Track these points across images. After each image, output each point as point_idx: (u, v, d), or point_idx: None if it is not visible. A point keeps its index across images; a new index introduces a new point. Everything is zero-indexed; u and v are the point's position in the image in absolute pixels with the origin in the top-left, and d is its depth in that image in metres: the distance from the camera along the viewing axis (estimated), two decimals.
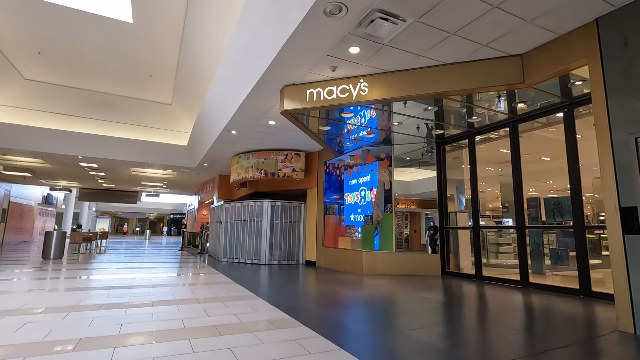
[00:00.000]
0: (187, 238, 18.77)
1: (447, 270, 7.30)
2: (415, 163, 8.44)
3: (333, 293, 5.51)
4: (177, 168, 13.63)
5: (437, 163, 7.68)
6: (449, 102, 5.77)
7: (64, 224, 31.60)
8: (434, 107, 5.99)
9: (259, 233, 10.33)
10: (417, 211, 10.33)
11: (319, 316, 3.99)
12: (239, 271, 8.29)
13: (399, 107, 5.99)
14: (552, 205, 6.33)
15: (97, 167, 13.94)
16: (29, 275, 6.69)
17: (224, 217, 11.29)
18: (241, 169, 10.45)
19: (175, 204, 43.18)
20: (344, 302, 4.82)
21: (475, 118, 6.36)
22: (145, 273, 7.47)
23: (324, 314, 4.09)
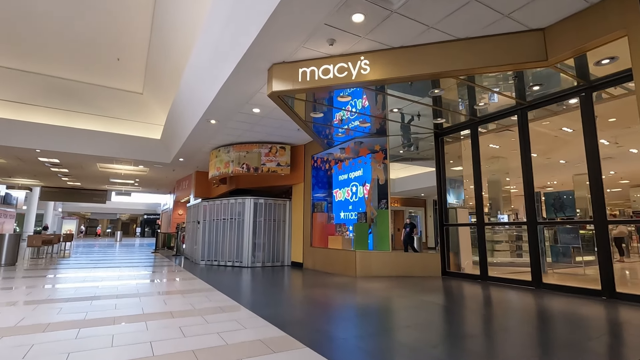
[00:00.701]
0: (161, 239, 17.60)
1: (447, 270, 6.80)
2: (409, 157, 7.91)
3: (329, 300, 4.85)
4: (150, 164, 12.57)
5: (436, 155, 7.16)
6: (451, 89, 5.24)
7: (26, 226, 29.36)
8: (436, 90, 5.42)
9: (241, 233, 9.53)
10: (401, 209, 9.87)
11: (319, 332, 3.31)
12: (219, 275, 7.48)
13: (401, 90, 5.40)
14: (552, 201, 5.94)
15: (59, 162, 12.66)
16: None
17: (202, 216, 10.40)
18: (221, 163, 9.61)
19: (149, 204, 41.33)
20: (344, 312, 4.17)
21: (482, 104, 5.86)
22: (111, 280, 6.54)
23: (325, 329, 3.42)
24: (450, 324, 3.62)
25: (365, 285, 5.96)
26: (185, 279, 6.93)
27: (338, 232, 8.12)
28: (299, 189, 9.58)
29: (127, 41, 9.06)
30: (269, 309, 4.21)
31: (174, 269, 8.91)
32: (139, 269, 8.46)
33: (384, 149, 7.40)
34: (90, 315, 3.80)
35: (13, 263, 9.08)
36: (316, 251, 8.52)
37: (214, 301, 4.64)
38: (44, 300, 4.61)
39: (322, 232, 8.70)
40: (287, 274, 7.82)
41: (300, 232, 9.37)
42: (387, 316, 4.01)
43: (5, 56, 9.25)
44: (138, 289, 5.59)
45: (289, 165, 9.29)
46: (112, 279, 6.71)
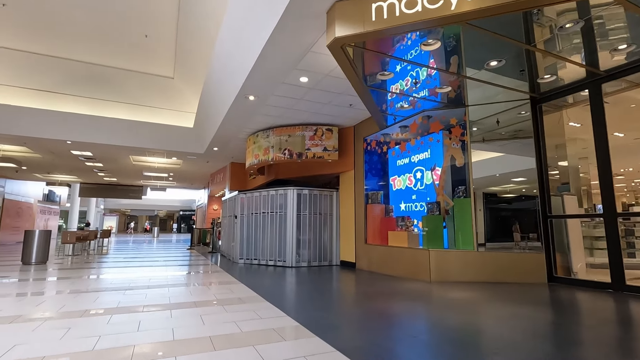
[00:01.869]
0: (196, 235, 17.01)
1: (554, 275, 5.26)
2: (493, 137, 6.37)
3: (416, 319, 3.53)
4: (183, 155, 11.77)
5: (535, 127, 5.61)
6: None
7: (70, 223, 30.28)
8: (569, 25, 3.90)
9: (283, 228, 8.40)
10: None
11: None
12: (262, 278, 6.37)
13: (510, 30, 3.95)
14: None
15: (93, 156, 12.16)
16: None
17: (239, 210, 9.39)
18: (259, 150, 8.51)
19: (184, 200, 41.87)
20: (447, 338, 2.84)
21: (623, 48, 4.27)
22: (139, 288, 5.59)
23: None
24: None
25: (447, 295, 4.58)
26: (224, 282, 5.85)
27: (400, 226, 6.76)
28: (349, 177, 8.30)
29: (155, 20, 8.17)
30: (344, 332, 2.97)
31: (211, 269, 7.94)
32: (174, 269, 7.55)
33: (462, 123, 5.93)
34: (105, 342, 2.73)
35: (44, 261, 8.49)
36: (372, 249, 7.22)
37: (265, 319, 3.46)
38: (51, 317, 3.64)
39: (379, 227, 7.38)
40: (342, 276, 6.58)
41: (350, 227, 8.10)
42: (504, 348, 2.65)
43: (30, 40, 8.65)
44: (170, 297, 4.54)
45: (337, 150, 8.02)
46: (142, 281, 5.77)
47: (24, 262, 8.23)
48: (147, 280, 5.94)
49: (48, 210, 24.69)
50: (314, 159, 7.90)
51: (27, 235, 8.29)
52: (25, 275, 6.53)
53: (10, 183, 17.79)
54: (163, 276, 6.50)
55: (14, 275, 6.51)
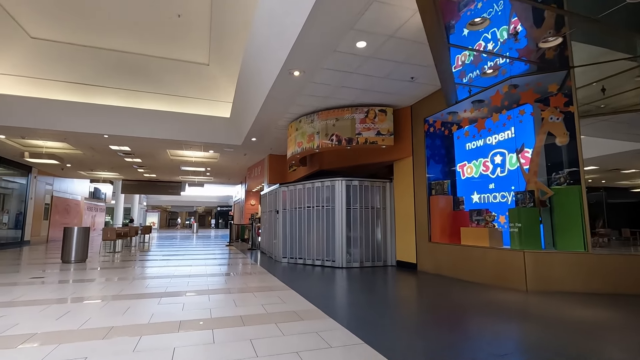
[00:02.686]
0: (234, 231, 16.59)
1: None
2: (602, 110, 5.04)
3: (529, 348, 2.45)
4: (220, 147, 11.19)
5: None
6: None
7: (115, 219, 31.40)
8: None
9: (331, 224, 7.49)
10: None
11: None
12: (315, 283, 5.48)
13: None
14: None
15: (131, 151, 11.91)
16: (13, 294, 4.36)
17: (281, 204, 8.59)
18: (303, 137, 7.62)
19: (221, 196, 42.40)
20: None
21: None
22: (178, 291, 4.90)
23: None
24: None
25: (562, 312, 3.43)
26: (272, 288, 5.02)
27: (476, 221, 5.60)
28: (405, 165, 7.20)
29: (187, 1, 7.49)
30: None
31: (252, 269, 7.20)
32: (213, 269, 6.88)
33: (567, 91, 4.65)
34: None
35: (83, 259, 8.17)
36: (440, 249, 6.11)
37: (337, 348, 2.53)
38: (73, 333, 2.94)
39: (447, 223, 6.25)
40: (407, 282, 5.55)
41: (409, 222, 7.02)
42: None
43: (65, 30, 8.31)
44: (211, 309, 3.76)
45: (392, 134, 6.94)
46: (178, 287, 5.08)
47: (63, 260, 7.94)
48: (186, 284, 5.24)
49: (94, 207, 25.58)
50: (365, 145, 6.88)
51: (65, 232, 7.99)
52: (62, 275, 6.09)
53: (58, 181, 18.31)
54: (203, 281, 5.80)
55: (52, 275, 6.09)
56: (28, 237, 15.16)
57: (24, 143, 11.02)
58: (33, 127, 8.80)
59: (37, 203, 16.05)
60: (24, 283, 5.33)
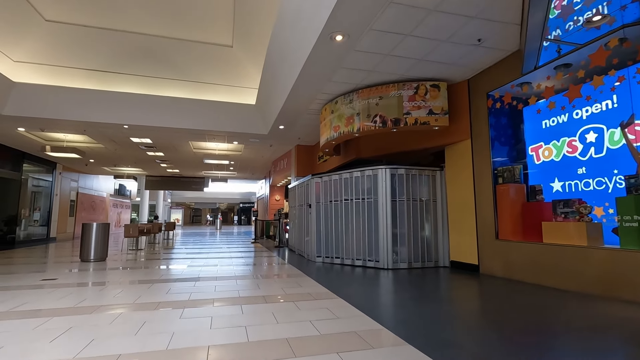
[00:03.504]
0: (259, 228, 15.92)
1: None
2: None
3: None
4: (245, 137, 10.43)
5: None
6: None
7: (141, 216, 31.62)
8: None
9: (374, 219, 6.54)
10: None
11: None
12: (365, 289, 4.56)
13: None
14: None
15: (152, 143, 11.35)
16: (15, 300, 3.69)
17: (314, 197, 7.71)
18: (340, 120, 6.69)
19: (244, 192, 42.32)
20: None
21: None
22: (204, 299, 4.11)
23: None
24: None
25: None
26: (314, 296, 4.14)
27: (562, 214, 4.52)
28: (461, 150, 6.15)
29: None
30: None
31: (285, 270, 6.36)
32: (242, 269, 6.09)
33: None
34: None
35: (103, 257, 7.59)
36: (511, 248, 5.06)
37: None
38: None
39: (520, 216, 5.18)
40: (474, 287, 4.55)
41: (466, 216, 5.99)
42: None
43: (82, 11, 7.71)
44: (246, 325, 2.90)
45: (447, 113, 5.90)
46: (205, 294, 4.28)
47: (82, 258, 7.39)
48: (213, 290, 4.45)
49: (120, 203, 25.65)
50: (415, 126, 5.87)
51: (84, 229, 7.42)
52: (77, 276, 5.45)
53: (83, 178, 18.22)
54: (232, 285, 5.00)
55: (66, 277, 5.46)
56: (54, 234, 15.03)
57: (44, 136, 10.64)
58: (50, 117, 8.29)
59: (63, 199, 15.92)
60: (32, 287, 4.70)
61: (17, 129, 9.44)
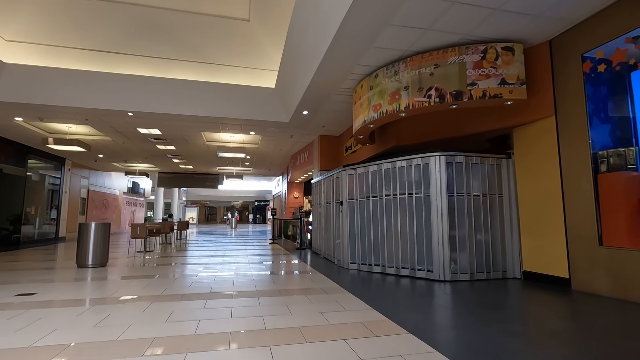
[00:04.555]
0: (277, 227, 14.81)
1: None
2: None
3: None
4: (263, 127, 9.31)
5: None
6: None
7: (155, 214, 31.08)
8: None
9: (425, 218, 5.29)
10: None
11: None
12: (427, 309, 3.30)
13: None
14: None
15: (162, 135, 10.37)
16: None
17: (346, 192, 6.51)
18: (381, 97, 5.45)
19: (259, 190, 41.57)
20: None
21: None
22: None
23: None
24: None
25: None
26: (366, 324, 2.92)
27: None
28: (540, 130, 4.83)
29: None
30: None
31: (315, 281, 5.16)
32: (261, 275, 4.94)
33: None
34: None
35: (103, 263, 6.58)
36: (623, 257, 3.74)
37: None
38: None
39: (639, 216, 3.85)
40: (576, 311, 3.25)
41: (547, 214, 4.67)
42: None
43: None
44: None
45: (524, 84, 4.59)
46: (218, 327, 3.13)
47: (78, 264, 6.39)
48: (229, 313, 3.29)
49: (134, 201, 25.04)
50: (483, 100, 4.59)
51: (80, 229, 6.42)
52: (62, 290, 4.40)
53: (94, 175, 17.52)
54: (253, 304, 3.84)
55: (48, 291, 4.42)
56: (63, 234, 14.29)
57: (45, 127, 9.77)
58: (46, 103, 7.33)
59: (73, 197, 15.20)
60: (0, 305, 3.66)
61: (14, 118, 8.56)
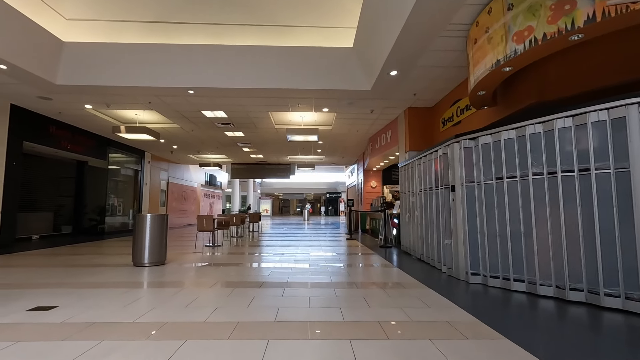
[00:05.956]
0: (353, 220, 13.24)
1: None
2: None
3: None
4: (338, 100, 7.74)
5: None
6: None
7: (233, 206, 31.94)
8: None
9: (620, 211, 3.15)
10: None
11: None
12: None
13: None
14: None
15: (228, 119, 9.46)
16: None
17: (459, 174, 4.58)
18: (533, 15, 3.40)
19: (330, 182, 40.79)
20: None
21: None
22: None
23: None
24: None
25: None
26: None
27: None
28: None
29: None
30: None
31: (430, 304, 3.37)
32: (348, 291, 3.35)
33: None
34: None
35: (161, 261, 5.67)
36: None
37: None
38: None
39: None
40: None
41: None
42: None
43: None
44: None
45: None
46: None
47: (135, 262, 5.55)
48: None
49: (211, 194, 25.75)
50: None
51: (137, 221, 5.56)
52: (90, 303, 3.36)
53: (173, 168, 17.91)
54: (341, 343, 2.23)
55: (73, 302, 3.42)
56: None
57: (115, 115, 9.52)
58: (107, 84, 6.71)
59: (153, 189, 15.55)
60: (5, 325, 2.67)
61: (85, 106, 8.30)
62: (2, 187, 7.84)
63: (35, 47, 6.05)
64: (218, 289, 3.96)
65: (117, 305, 3.30)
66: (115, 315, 2.99)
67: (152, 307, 3.22)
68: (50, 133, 9.30)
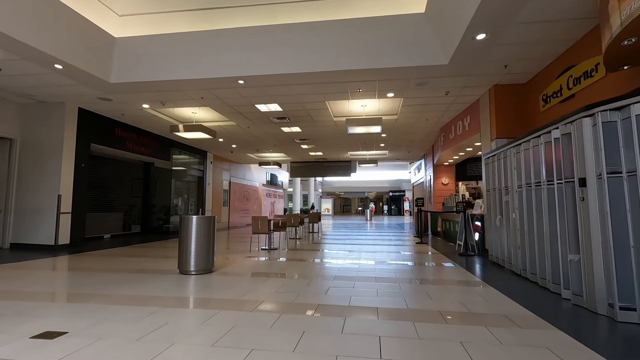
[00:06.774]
0: (423, 221, 11.79)
1: None
2: None
3: None
4: (406, 80, 6.55)
5: None
6: None
7: (294, 206, 31.92)
8: None
9: None
10: None
11: None
12: None
13: None
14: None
15: (282, 112, 8.79)
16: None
17: (592, 162, 3.17)
18: None
19: (393, 180, 38.95)
20: None
21: None
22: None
23: None
24: None
25: None
26: None
27: None
28: None
29: None
30: None
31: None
32: (424, 330, 2.29)
33: None
34: None
35: (208, 268, 5.08)
36: None
37: None
38: None
39: None
40: None
41: None
42: None
43: None
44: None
45: None
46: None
47: (180, 270, 5.03)
48: None
49: (273, 193, 25.85)
50: None
51: (182, 224, 5.04)
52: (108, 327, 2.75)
53: (235, 168, 18.05)
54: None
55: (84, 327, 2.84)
56: None
57: (171, 114, 9.42)
58: (158, 79, 6.40)
59: (216, 189, 15.72)
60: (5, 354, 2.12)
61: (142, 106, 8.24)
62: (72, 188, 8.08)
63: (88, 45, 5.90)
64: (259, 317, 3.14)
65: (133, 335, 2.62)
66: (123, 354, 2.30)
67: (171, 342, 2.48)
68: (116, 135, 9.52)
